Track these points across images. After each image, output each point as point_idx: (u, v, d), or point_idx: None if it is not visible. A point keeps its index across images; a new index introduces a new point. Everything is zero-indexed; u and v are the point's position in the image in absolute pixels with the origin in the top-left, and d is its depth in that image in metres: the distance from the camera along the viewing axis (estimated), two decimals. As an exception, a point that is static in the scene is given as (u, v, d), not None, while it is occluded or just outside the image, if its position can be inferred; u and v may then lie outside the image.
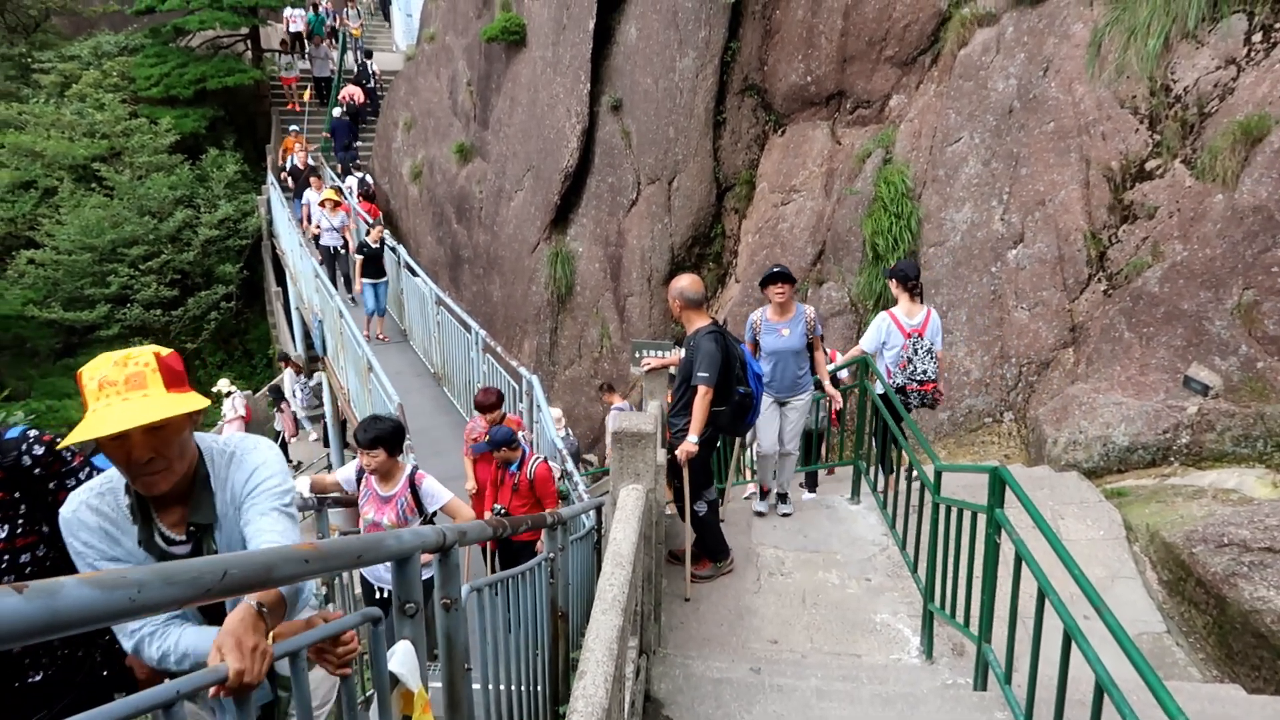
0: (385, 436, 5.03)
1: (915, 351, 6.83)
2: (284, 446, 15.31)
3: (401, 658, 2.11)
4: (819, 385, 7.04)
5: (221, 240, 20.42)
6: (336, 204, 14.77)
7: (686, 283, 5.85)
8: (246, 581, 1.47)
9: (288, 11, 24.09)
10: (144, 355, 2.18)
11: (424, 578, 4.43)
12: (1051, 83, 8.90)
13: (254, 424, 15.70)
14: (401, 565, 2.17)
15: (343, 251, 14.88)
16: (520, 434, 7.17)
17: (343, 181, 19.17)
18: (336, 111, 21.09)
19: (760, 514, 7.11)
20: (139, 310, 18.92)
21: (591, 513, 6.08)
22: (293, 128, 20.51)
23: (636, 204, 13.20)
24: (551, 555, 4.06)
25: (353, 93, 22.08)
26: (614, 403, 11.27)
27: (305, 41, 24.39)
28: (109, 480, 2.35)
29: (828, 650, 5.32)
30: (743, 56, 12.24)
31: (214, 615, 2.33)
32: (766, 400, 6.61)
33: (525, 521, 3.82)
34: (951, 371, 9.24)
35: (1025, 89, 9.10)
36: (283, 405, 15.81)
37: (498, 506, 6.73)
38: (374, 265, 13.47)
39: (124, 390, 2.12)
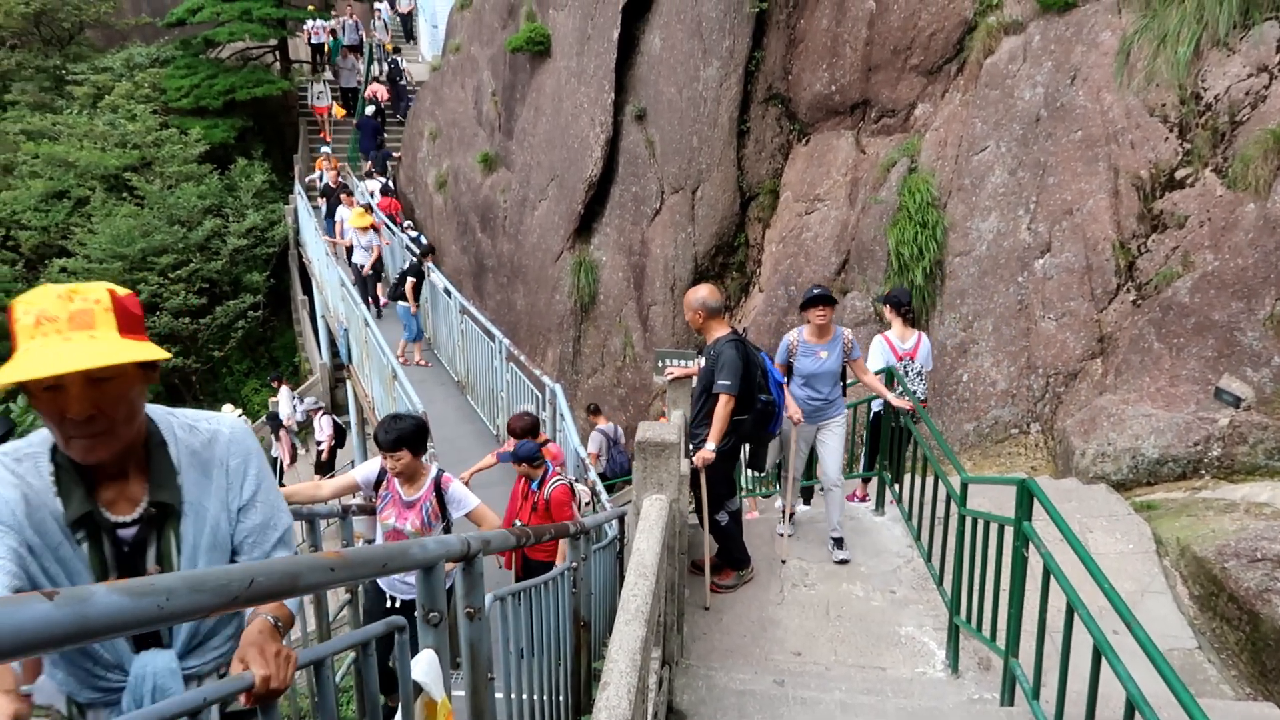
0: (408, 436, 4.70)
1: (906, 373, 7.20)
2: (281, 473, 15.31)
3: (425, 667, 2.11)
4: (853, 400, 7.02)
5: (249, 249, 20.64)
6: (365, 228, 15.02)
7: (705, 292, 5.83)
8: (273, 590, 1.48)
9: (309, 24, 24.35)
10: (96, 290, 1.75)
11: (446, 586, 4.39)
12: (1079, 91, 8.82)
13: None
14: (427, 574, 2.17)
15: (369, 273, 15.14)
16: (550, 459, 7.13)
17: (371, 180, 19.59)
18: (369, 110, 21.53)
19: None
20: (168, 318, 19.13)
21: (614, 522, 6.07)
22: (324, 149, 20.66)
23: (660, 213, 13.21)
24: (574, 564, 4.05)
25: (376, 90, 22.47)
26: (598, 424, 11.43)
27: (328, 54, 24.67)
28: (30, 444, 1.88)
29: (852, 663, 5.28)
30: (767, 66, 12.24)
31: (148, 640, 1.93)
32: (802, 427, 6.41)
33: (548, 530, 3.82)
34: (977, 382, 9.16)
35: (1052, 97, 9.03)
36: (280, 433, 15.81)
37: (517, 522, 6.72)
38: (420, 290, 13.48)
39: (66, 328, 1.68)
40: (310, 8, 24.35)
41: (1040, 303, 8.78)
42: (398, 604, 4.93)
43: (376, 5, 25.39)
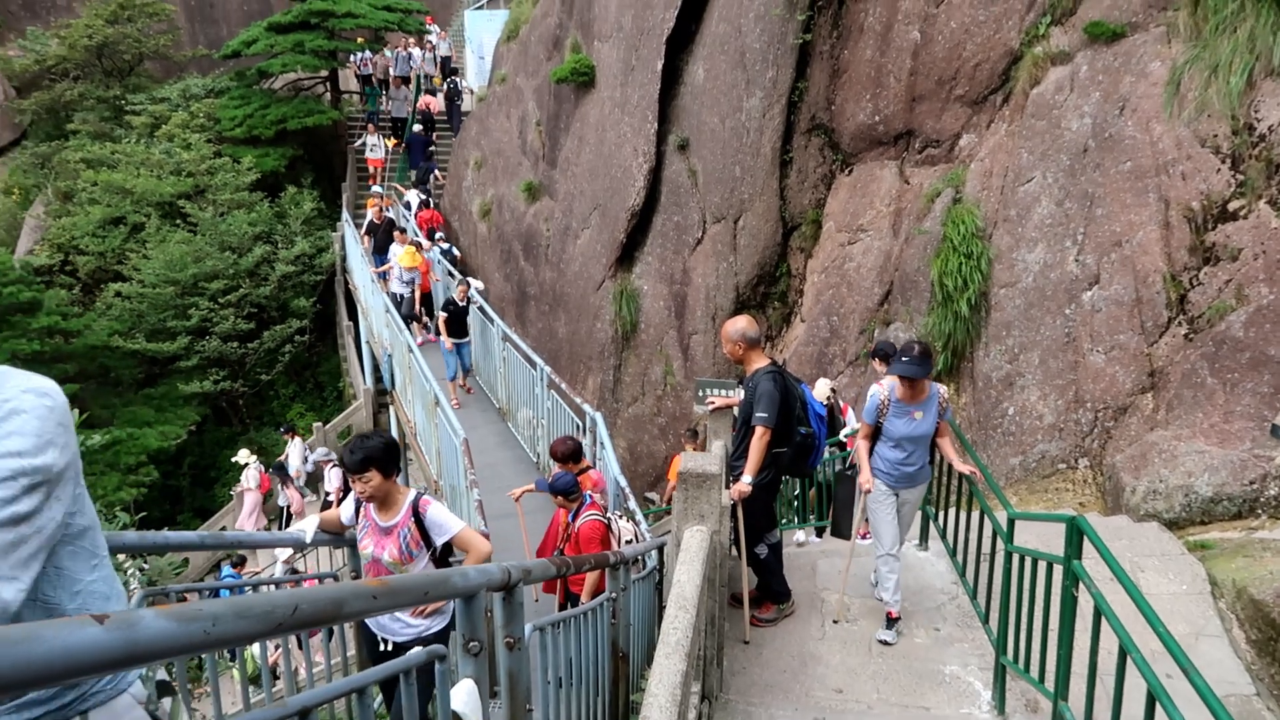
0: (377, 455, 4.22)
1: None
2: (288, 521, 15.35)
3: (466, 698, 2.10)
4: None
5: (297, 275, 21.05)
6: (410, 266, 15.32)
7: (744, 323, 5.80)
8: (318, 616, 1.49)
9: (358, 56, 24.89)
10: None
11: (440, 627, 4.28)
12: (1128, 121, 8.71)
13: (267, 496, 16.17)
14: (468, 602, 2.17)
15: (406, 295, 15.39)
16: (590, 486, 7.13)
17: (415, 190, 20.12)
18: (417, 128, 22.03)
19: (884, 643, 5.91)
20: (217, 342, 19.53)
21: (653, 552, 6.03)
22: (375, 189, 20.99)
23: (702, 242, 13.24)
24: (613, 595, 4.03)
25: (428, 101, 22.96)
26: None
27: (377, 84, 25.20)
28: None
29: (895, 702, 5.17)
30: (810, 96, 12.26)
31: None
32: (884, 491, 5.89)
33: (588, 561, 3.81)
34: (1023, 415, 9.01)
35: (1100, 128, 8.93)
36: (288, 482, 15.94)
37: (557, 553, 6.71)
38: (459, 324, 13.13)
39: None
40: (360, 40, 24.92)
41: (1089, 335, 8.63)
42: (390, 646, 4.45)
43: (429, 39, 25.91)
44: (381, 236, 17.21)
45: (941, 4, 10.64)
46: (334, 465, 15.03)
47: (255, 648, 7.40)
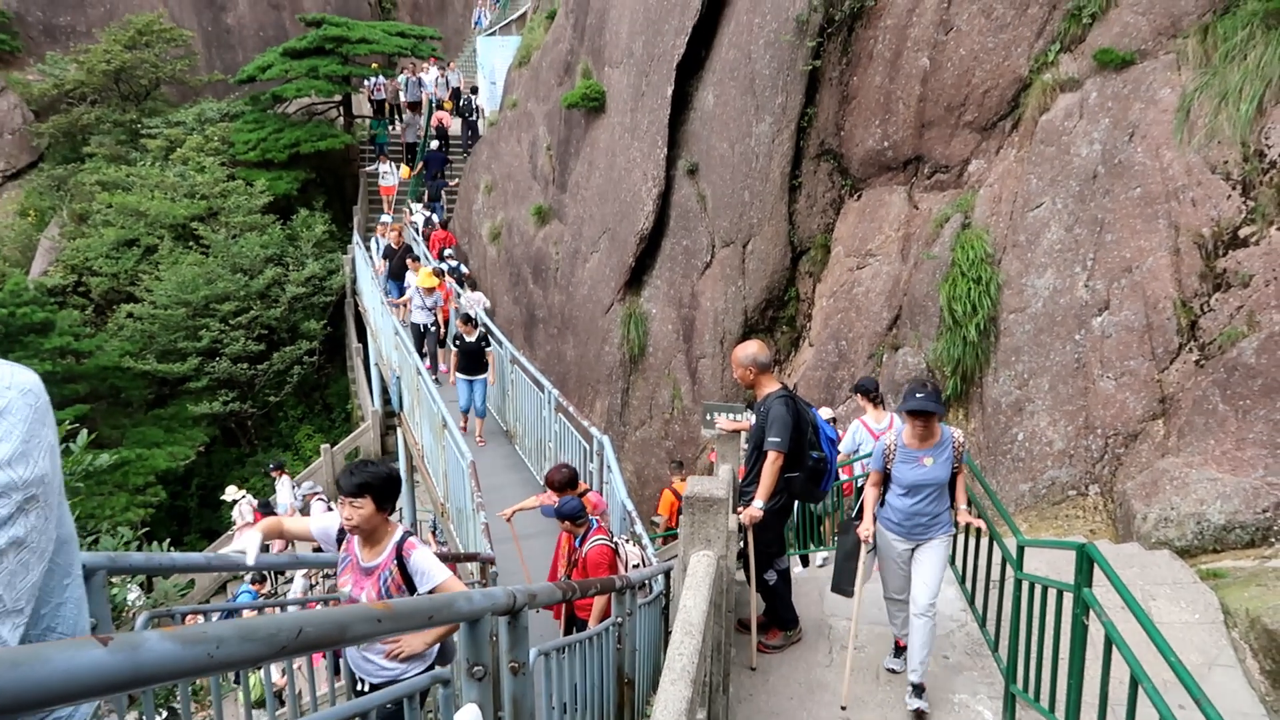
0: (375, 484, 3.96)
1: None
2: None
3: (469, 722, 2.09)
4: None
5: (307, 297, 21.16)
6: (430, 289, 14.48)
7: (755, 348, 5.80)
8: (322, 639, 1.48)
9: (370, 81, 25.17)
10: None
11: (423, 668, 4.13)
12: (1138, 148, 8.72)
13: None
14: (472, 627, 2.16)
15: (432, 329, 14.67)
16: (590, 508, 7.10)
17: (427, 209, 20.22)
18: (434, 144, 22.23)
19: (892, 670, 5.80)
20: (227, 363, 19.61)
21: (660, 577, 6.01)
22: (384, 219, 20.96)
23: (710, 266, 13.27)
24: (619, 620, 4.01)
25: (441, 116, 23.18)
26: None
27: (391, 109, 25.45)
28: None
29: (903, 730, 5.12)
30: (819, 122, 12.32)
31: None
32: (895, 543, 5.49)
33: (594, 585, 3.79)
34: (1033, 441, 8.96)
35: (1110, 154, 8.94)
36: None
37: (562, 577, 6.68)
38: (471, 359, 12.31)
39: None
40: (375, 65, 25.18)
41: (1099, 361, 8.60)
42: (367, 688, 4.13)
43: (441, 66, 26.19)
44: (397, 263, 16.77)
45: (951, 31, 10.70)
46: (318, 498, 14.65)
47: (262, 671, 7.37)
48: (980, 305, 9.60)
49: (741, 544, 5.83)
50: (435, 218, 21.21)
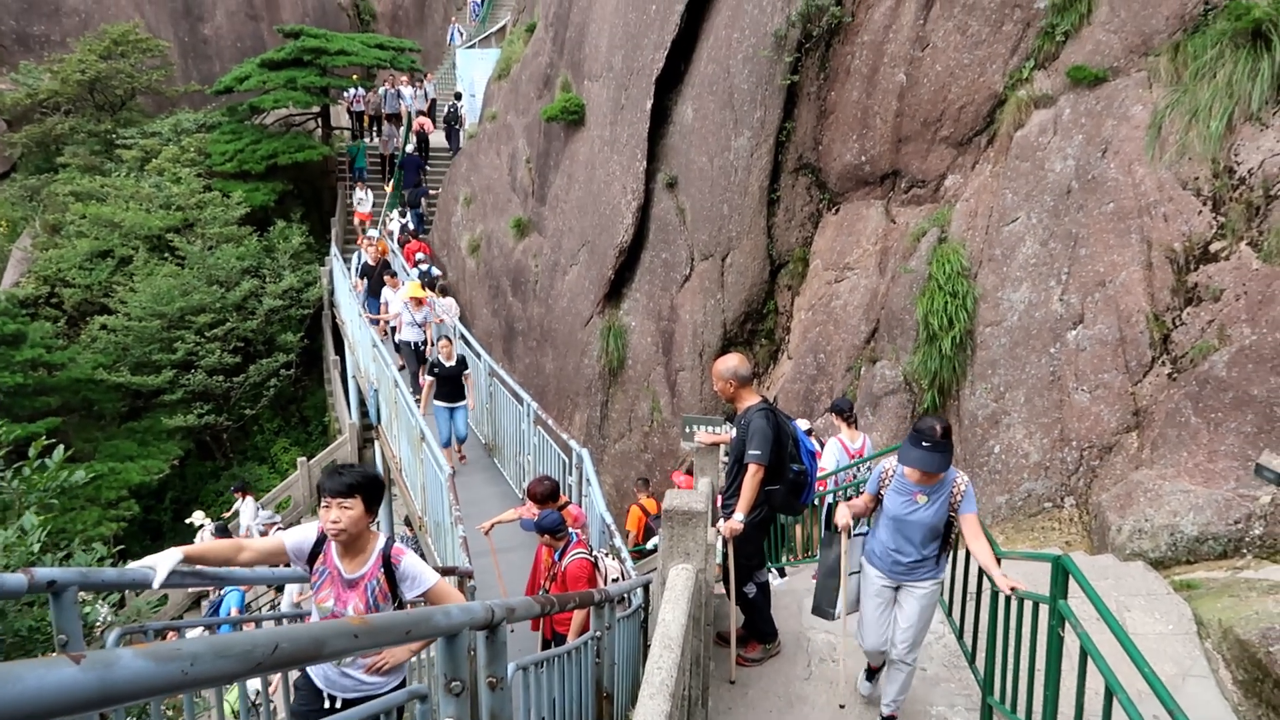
0: (365, 483, 3.77)
1: (858, 469, 8.23)
2: None
3: (446, 738, 2.08)
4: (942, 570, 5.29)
5: (284, 309, 21.01)
6: (420, 301, 14.10)
7: (736, 361, 5.81)
8: (298, 656, 1.47)
9: (349, 93, 25.10)
10: None
11: (393, 685, 4.00)
12: (1111, 164, 8.84)
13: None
14: (450, 641, 2.14)
15: (424, 347, 14.25)
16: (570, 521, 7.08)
17: (405, 216, 20.28)
18: (409, 148, 22.33)
19: (865, 696, 5.68)
20: (202, 376, 19.41)
21: (639, 590, 5.99)
22: (370, 233, 20.71)
23: (689, 279, 13.30)
24: (598, 634, 4.00)
25: (423, 122, 23.34)
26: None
27: (370, 121, 25.47)
28: None
29: (882, 743, 5.12)
30: (797, 136, 12.41)
31: None
32: (876, 578, 5.12)
33: (573, 599, 3.77)
34: (1009, 454, 9.03)
35: (1084, 170, 9.06)
36: None
37: (542, 591, 6.66)
38: (450, 386, 11.66)
39: None
40: (355, 77, 25.12)
41: (1073, 374, 8.69)
42: (339, 704, 3.91)
43: (416, 80, 26.23)
44: (375, 281, 16.46)
45: (927, 48, 10.82)
46: (278, 528, 14.08)
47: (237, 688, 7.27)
48: (957, 319, 9.68)
49: (721, 557, 5.83)
50: (410, 224, 21.19)
